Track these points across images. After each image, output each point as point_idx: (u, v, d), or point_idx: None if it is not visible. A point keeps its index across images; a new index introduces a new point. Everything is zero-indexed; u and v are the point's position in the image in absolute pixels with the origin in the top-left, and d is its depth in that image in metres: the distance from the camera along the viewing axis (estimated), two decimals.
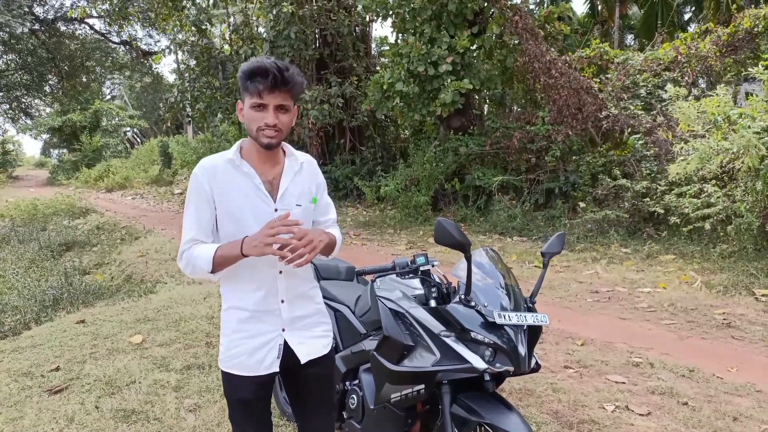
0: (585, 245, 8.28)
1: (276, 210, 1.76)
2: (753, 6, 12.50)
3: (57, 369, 3.98)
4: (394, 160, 14.12)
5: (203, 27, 16.84)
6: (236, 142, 1.83)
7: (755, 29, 9.79)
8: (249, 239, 1.63)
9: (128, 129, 36.44)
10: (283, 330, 1.82)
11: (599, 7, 21.28)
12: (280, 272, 1.79)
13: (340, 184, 14.84)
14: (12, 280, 7.72)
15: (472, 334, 1.95)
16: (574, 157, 10.07)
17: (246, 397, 1.81)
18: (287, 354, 1.82)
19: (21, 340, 4.77)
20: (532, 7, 20.54)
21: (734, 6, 14.79)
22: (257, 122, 1.68)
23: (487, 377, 1.99)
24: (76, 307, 6.16)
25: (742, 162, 6.55)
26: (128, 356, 4.21)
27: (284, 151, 1.84)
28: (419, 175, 11.56)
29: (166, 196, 20.43)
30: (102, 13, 23.59)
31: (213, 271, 1.70)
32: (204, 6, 17.27)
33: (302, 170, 1.85)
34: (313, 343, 1.87)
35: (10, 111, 28.88)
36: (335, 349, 2.20)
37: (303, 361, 1.83)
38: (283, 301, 1.81)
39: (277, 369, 1.81)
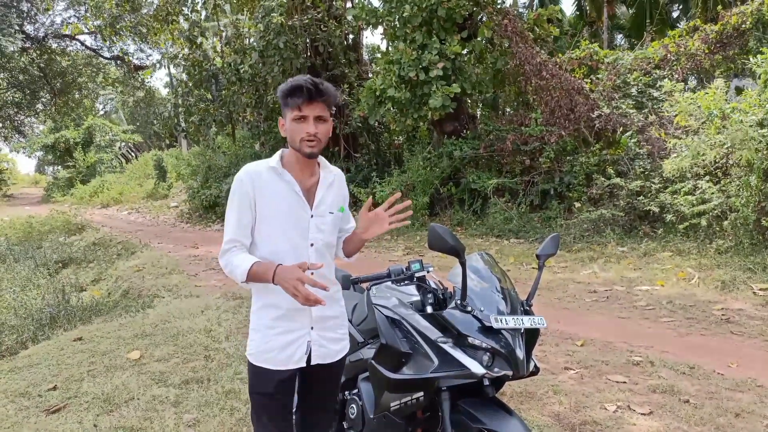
0: (582, 245, 8.28)
1: (312, 216, 1.93)
2: (739, 3, 12.60)
3: (54, 388, 3.94)
4: (389, 167, 14.12)
5: (197, 41, 16.87)
6: (277, 152, 1.99)
7: (743, 26, 9.87)
8: (282, 272, 1.75)
9: (123, 143, 36.43)
10: (312, 328, 1.96)
11: (587, 8, 21.38)
12: (312, 273, 1.90)
13: None
14: (8, 299, 7.65)
15: (470, 340, 1.93)
16: (568, 158, 10.10)
17: (271, 391, 1.94)
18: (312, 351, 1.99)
19: (18, 359, 4.73)
20: (521, 10, 20.66)
21: (719, 6, 14.90)
22: (299, 133, 1.84)
23: (486, 382, 1.98)
24: (74, 324, 6.10)
25: (740, 155, 6.54)
26: (126, 373, 4.18)
27: (319, 164, 2.01)
28: (414, 180, 11.56)
29: (162, 210, 20.41)
30: (94, 29, 23.61)
31: (246, 282, 1.85)
32: (196, 20, 17.33)
33: (334, 182, 2.04)
34: (334, 346, 2.02)
35: (3, 129, 28.76)
36: None
37: (314, 362, 1.97)
38: None
39: (304, 364, 1.95)
